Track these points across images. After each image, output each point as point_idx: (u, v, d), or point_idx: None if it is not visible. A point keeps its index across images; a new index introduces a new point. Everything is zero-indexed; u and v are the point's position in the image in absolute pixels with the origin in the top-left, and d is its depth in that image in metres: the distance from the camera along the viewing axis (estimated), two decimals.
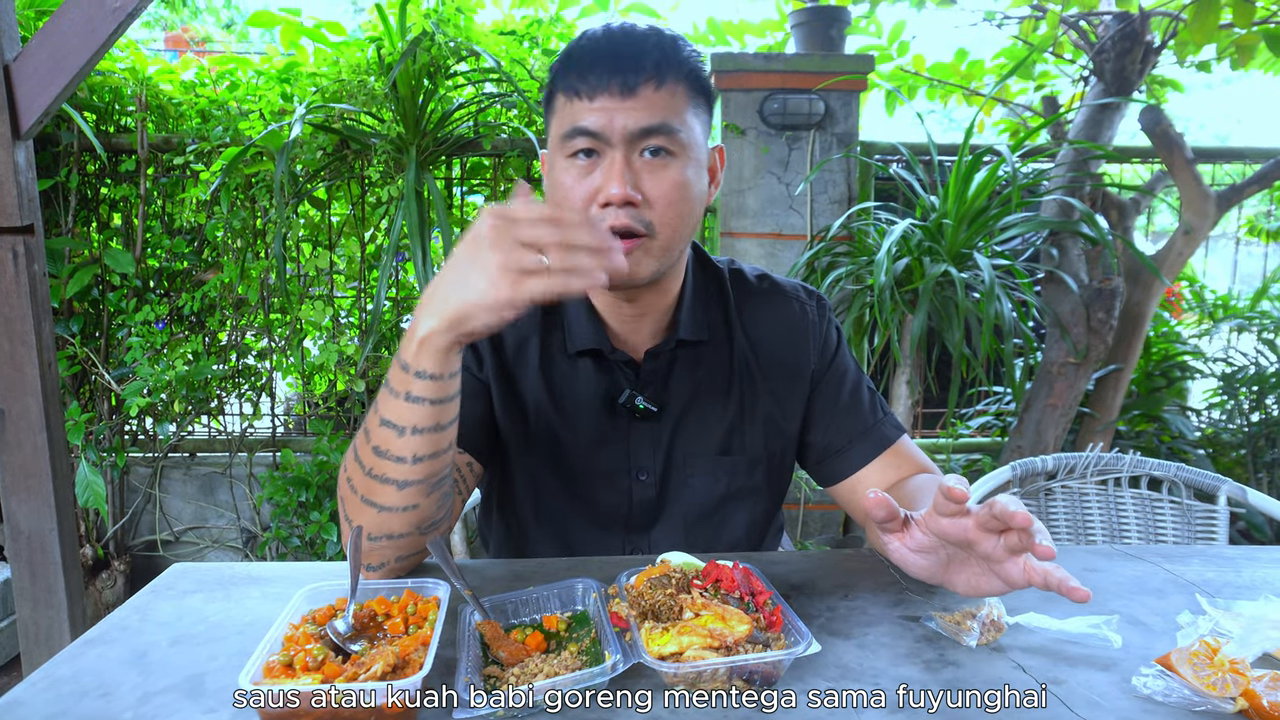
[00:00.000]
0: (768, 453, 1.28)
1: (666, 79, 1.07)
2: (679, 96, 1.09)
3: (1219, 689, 0.74)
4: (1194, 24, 2.97)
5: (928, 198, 3.03)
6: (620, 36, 1.09)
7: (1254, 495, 1.60)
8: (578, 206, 1.08)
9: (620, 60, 1.06)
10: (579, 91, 1.07)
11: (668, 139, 1.07)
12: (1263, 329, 3.77)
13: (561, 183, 1.10)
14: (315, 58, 3.20)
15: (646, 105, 1.06)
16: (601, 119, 1.06)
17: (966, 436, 3.79)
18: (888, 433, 1.28)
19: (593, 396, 1.23)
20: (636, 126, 1.06)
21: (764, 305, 1.30)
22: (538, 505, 1.28)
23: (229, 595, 1.01)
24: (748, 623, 0.80)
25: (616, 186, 1.05)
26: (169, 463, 3.38)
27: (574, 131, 1.07)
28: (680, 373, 1.24)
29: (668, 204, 1.08)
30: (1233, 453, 3.72)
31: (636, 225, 1.07)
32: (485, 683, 0.78)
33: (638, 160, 1.08)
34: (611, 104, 1.06)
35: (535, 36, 3.29)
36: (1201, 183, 3.14)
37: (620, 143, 1.06)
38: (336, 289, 3.40)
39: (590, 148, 1.08)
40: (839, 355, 1.32)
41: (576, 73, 1.07)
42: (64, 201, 3.17)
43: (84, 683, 0.80)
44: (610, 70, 1.05)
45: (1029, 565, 0.85)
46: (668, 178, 1.08)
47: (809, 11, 3.45)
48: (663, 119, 1.07)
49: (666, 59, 1.07)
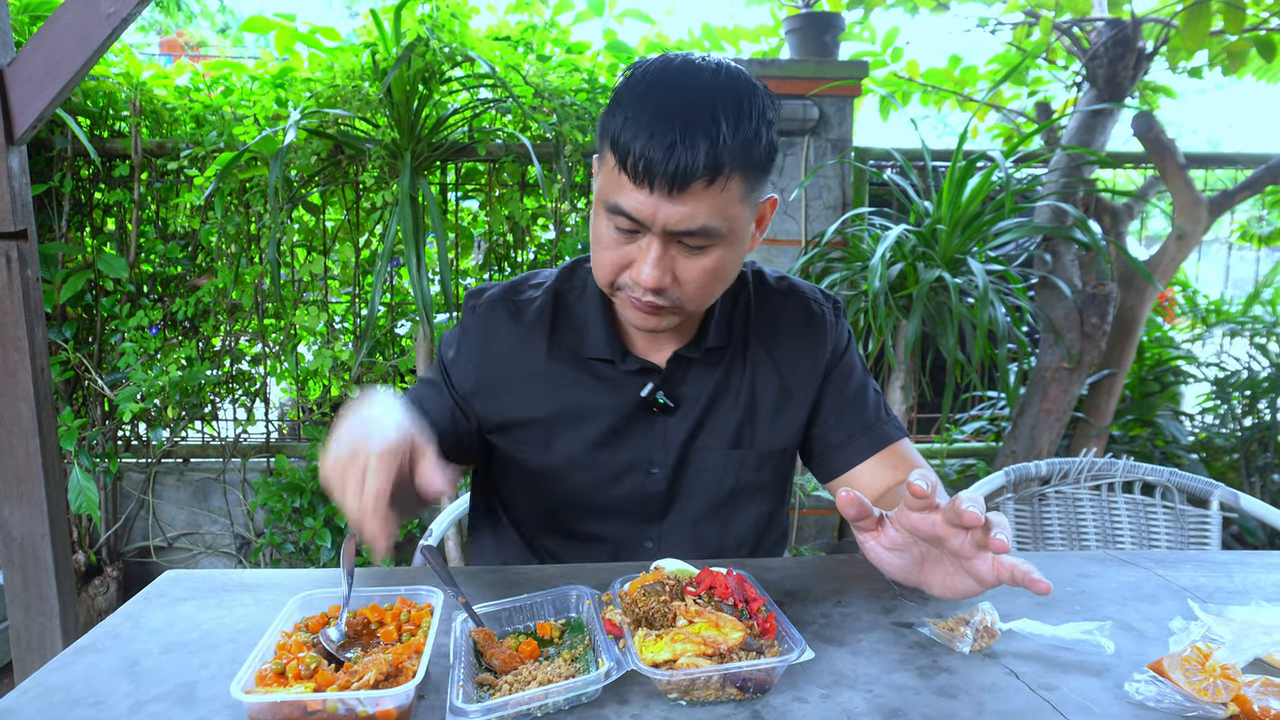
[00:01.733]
0: (778, 448, 1.30)
1: (720, 174, 1.00)
2: (731, 189, 1.02)
3: (1210, 694, 0.75)
4: (1185, 30, 2.99)
5: (922, 203, 3.04)
6: (681, 102, 0.99)
7: (1246, 500, 1.61)
8: (607, 266, 1.09)
9: (674, 147, 0.97)
10: (629, 170, 1.01)
11: (707, 239, 1.05)
12: (1255, 334, 3.79)
13: (600, 237, 1.10)
14: (310, 63, 3.20)
15: (693, 204, 1.01)
16: (645, 210, 1.01)
17: (961, 441, 3.79)
18: (889, 432, 1.30)
19: (607, 395, 1.24)
20: (677, 227, 1.02)
21: (782, 305, 1.33)
22: (544, 501, 1.28)
23: (221, 602, 1.01)
24: (741, 630, 0.80)
25: (649, 273, 1.04)
26: (162, 468, 3.37)
27: (616, 209, 1.04)
28: (699, 372, 1.27)
29: (697, 287, 1.09)
30: (1225, 457, 3.74)
31: (663, 301, 1.09)
32: (478, 690, 0.78)
33: (675, 247, 1.06)
34: (658, 199, 1.00)
35: (530, 42, 3.30)
36: (1194, 188, 3.16)
37: (659, 234, 1.03)
38: (331, 294, 3.39)
39: (631, 229, 1.05)
40: (848, 354, 1.35)
41: (628, 138, 1.00)
42: (58, 206, 3.16)
43: (75, 691, 0.80)
44: (663, 159, 0.98)
45: (997, 561, 0.85)
46: (702, 265, 1.07)
47: (803, 17, 3.46)
48: (705, 221, 1.02)
49: (726, 148, 0.99)
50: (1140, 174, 3.95)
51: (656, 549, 1.28)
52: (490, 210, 3.28)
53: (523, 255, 3.38)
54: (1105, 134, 3.28)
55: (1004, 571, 0.85)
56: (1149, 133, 3.12)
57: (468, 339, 1.28)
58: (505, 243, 3.36)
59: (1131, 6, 3.19)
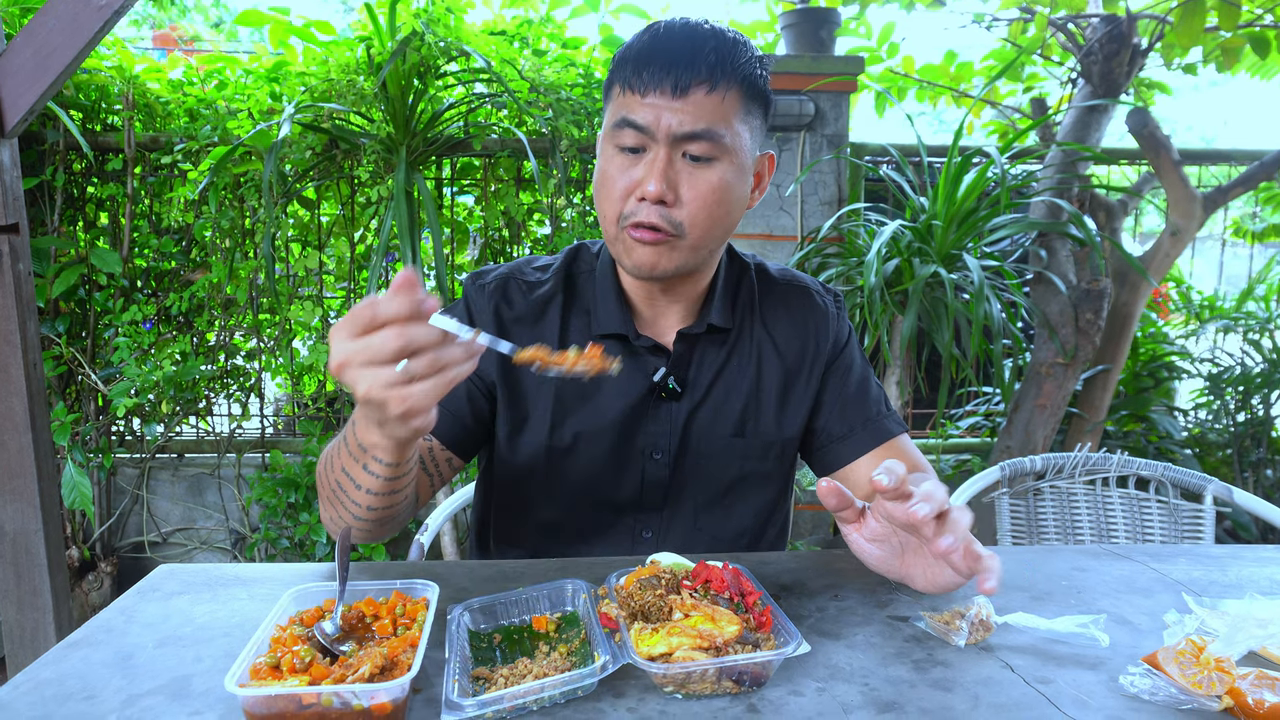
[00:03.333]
0: (781, 438, 1.30)
1: (719, 83, 1.08)
2: (730, 102, 1.10)
3: (1205, 687, 0.75)
4: (1180, 27, 2.99)
5: (917, 199, 3.04)
6: (681, 35, 1.10)
7: (1240, 495, 1.62)
8: (616, 198, 1.12)
9: (676, 59, 1.07)
10: (633, 85, 1.09)
11: (712, 145, 1.09)
12: (1248, 329, 3.80)
13: (605, 170, 1.14)
14: (304, 57, 3.19)
15: (695, 108, 1.08)
16: (649, 115, 1.08)
17: (956, 437, 3.80)
18: (889, 427, 1.31)
19: (617, 379, 1.24)
20: (681, 129, 1.08)
21: (785, 297, 1.35)
22: (546, 487, 1.28)
23: (216, 596, 1.00)
24: (737, 623, 0.80)
25: (654, 184, 1.08)
26: (156, 463, 3.36)
27: (623, 122, 1.10)
28: (704, 356, 1.27)
29: (700, 206, 1.11)
30: (1219, 452, 3.75)
31: (665, 224, 1.10)
32: (474, 684, 0.78)
33: (679, 161, 1.10)
34: (661, 102, 1.08)
35: (525, 37, 3.29)
36: (1188, 184, 3.16)
37: (664, 141, 1.08)
38: (326, 289, 3.38)
39: (636, 145, 1.10)
40: (849, 347, 1.36)
41: (633, 66, 1.10)
42: (50, 200, 3.15)
43: (68, 685, 0.80)
44: (665, 68, 1.07)
45: (966, 549, 0.87)
46: (705, 181, 1.10)
47: (799, 13, 3.46)
48: (709, 124, 1.08)
49: (722, 62, 1.08)
50: (1135, 170, 3.96)
51: (655, 540, 1.28)
52: (486, 205, 3.27)
53: (518, 250, 3.38)
54: (1100, 130, 3.28)
55: (974, 562, 0.87)
56: (1143, 129, 3.12)
57: (480, 317, 1.26)
58: (501, 238, 3.35)
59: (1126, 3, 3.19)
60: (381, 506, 1.01)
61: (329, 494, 1.04)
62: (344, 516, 1.04)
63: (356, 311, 0.80)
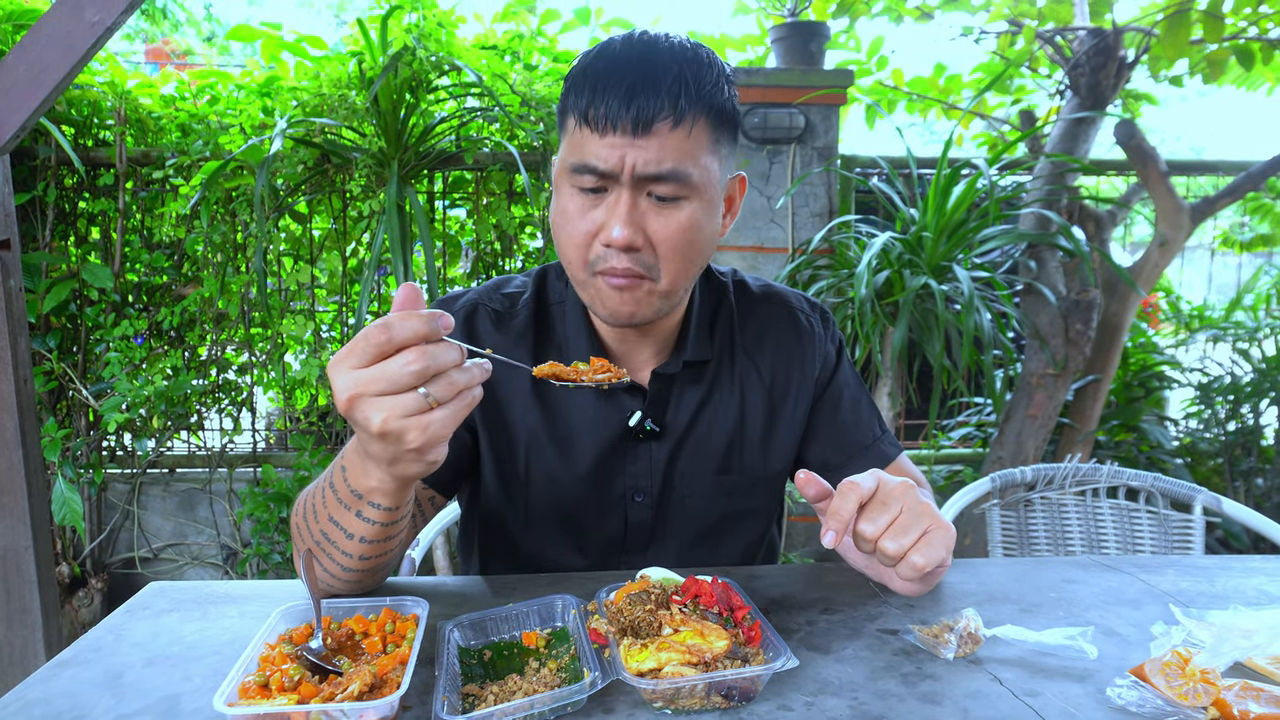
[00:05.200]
0: (768, 472, 1.26)
1: (685, 115, 0.98)
2: (698, 135, 1.00)
3: (1190, 699, 0.75)
4: (1166, 39, 3.02)
5: (908, 210, 3.06)
6: (639, 59, 0.99)
7: (1229, 505, 1.62)
8: (578, 242, 1.04)
9: (635, 91, 0.96)
10: (589, 120, 0.99)
11: (679, 185, 1.00)
12: (1237, 339, 3.83)
13: (565, 210, 1.05)
14: (296, 72, 3.20)
15: (660, 147, 0.98)
16: (611, 156, 0.98)
17: (948, 448, 3.81)
18: (887, 450, 1.28)
19: (593, 418, 1.19)
20: (646, 170, 0.99)
21: (767, 319, 1.28)
22: (526, 531, 1.24)
23: (206, 614, 1.00)
24: (726, 638, 0.81)
25: (620, 230, 0.99)
26: (148, 479, 3.35)
27: (581, 167, 1.01)
28: (682, 392, 1.21)
29: (672, 248, 1.03)
30: (1210, 461, 3.77)
31: (638, 269, 1.03)
32: (463, 701, 0.78)
33: (645, 201, 1.02)
34: (622, 141, 0.98)
35: (517, 51, 3.30)
36: (1175, 195, 3.19)
37: (628, 183, 0.99)
38: (318, 303, 3.38)
39: (597, 186, 1.01)
40: (840, 369, 1.31)
41: (589, 99, 0.98)
42: (41, 216, 3.15)
43: (56, 705, 0.79)
44: (624, 102, 0.96)
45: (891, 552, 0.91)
46: (675, 221, 1.02)
47: (789, 27, 3.49)
48: (675, 164, 0.99)
49: (688, 91, 0.98)
50: (1124, 181, 3.99)
51: None
52: (478, 219, 3.28)
53: (510, 264, 3.38)
54: (1088, 141, 3.31)
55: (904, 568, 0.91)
56: (1131, 140, 3.15)
57: None
58: (493, 251, 3.36)
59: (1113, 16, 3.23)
60: (375, 555, 0.96)
61: (313, 545, 0.97)
62: (330, 569, 0.97)
63: (367, 336, 0.74)
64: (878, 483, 0.93)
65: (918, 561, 0.89)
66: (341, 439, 3.44)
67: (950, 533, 0.92)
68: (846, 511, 0.90)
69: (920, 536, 0.90)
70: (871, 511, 0.91)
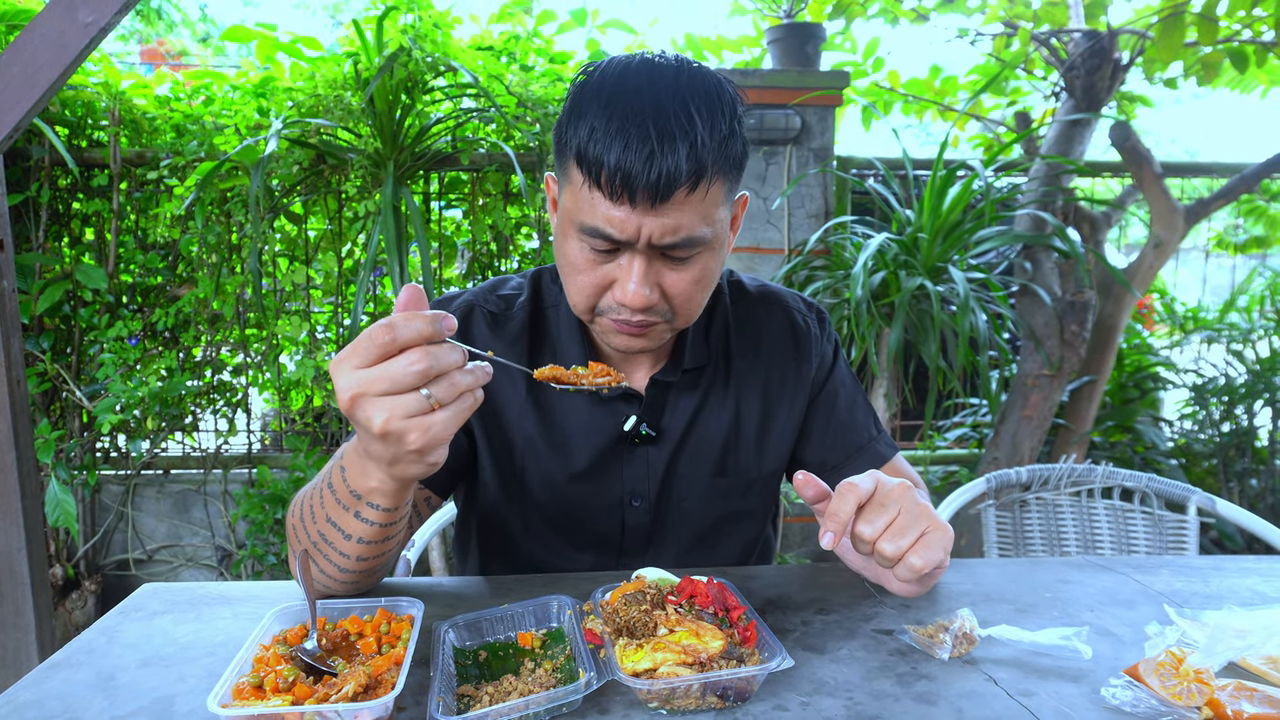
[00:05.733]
0: (764, 473, 1.26)
1: (702, 179, 0.94)
2: (714, 194, 0.97)
3: (1184, 699, 0.75)
4: (1160, 42, 3.03)
5: (903, 212, 3.06)
6: (651, 109, 0.91)
7: (1223, 505, 1.63)
8: (587, 292, 1.02)
9: (652, 156, 0.90)
10: (599, 183, 0.93)
11: (691, 249, 0.99)
12: (1231, 340, 3.84)
13: (573, 261, 1.02)
14: (291, 72, 3.19)
15: (677, 213, 0.94)
16: (628, 227, 0.94)
17: (944, 448, 3.81)
18: (883, 450, 1.28)
19: (588, 423, 1.19)
20: (663, 240, 0.96)
21: (764, 319, 1.27)
22: (523, 533, 1.24)
23: (200, 616, 1.00)
24: (722, 638, 0.81)
25: (635, 294, 0.98)
26: (142, 480, 3.34)
27: (595, 233, 0.96)
28: (678, 396, 1.21)
29: (687, 298, 1.03)
30: (1204, 462, 3.78)
31: (653, 318, 1.03)
32: (458, 702, 0.78)
33: (659, 260, 1.00)
34: (639, 212, 0.94)
35: (513, 52, 3.30)
36: (1170, 197, 3.20)
37: (643, 249, 0.97)
38: (313, 304, 3.37)
39: (610, 249, 0.99)
40: (836, 369, 1.30)
41: (598, 155, 0.92)
42: (35, 216, 3.14)
43: (49, 708, 0.79)
44: (641, 169, 0.90)
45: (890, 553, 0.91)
46: (689, 275, 1.02)
47: (785, 28, 3.49)
48: (691, 232, 0.96)
49: (707, 150, 0.93)
50: (1119, 183, 4.00)
51: None
52: (474, 219, 3.28)
53: (506, 264, 3.38)
54: (1083, 143, 3.32)
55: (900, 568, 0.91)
56: (1126, 142, 3.16)
57: None
58: (489, 252, 3.35)
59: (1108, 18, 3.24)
60: (372, 556, 0.96)
61: (310, 546, 0.97)
62: (327, 570, 0.97)
63: (371, 336, 0.73)
64: (876, 484, 0.93)
65: (915, 563, 0.90)
66: (337, 440, 3.43)
67: (948, 534, 0.92)
68: (845, 513, 0.90)
69: (918, 538, 0.90)
70: (869, 513, 0.91)
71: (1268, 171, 3.19)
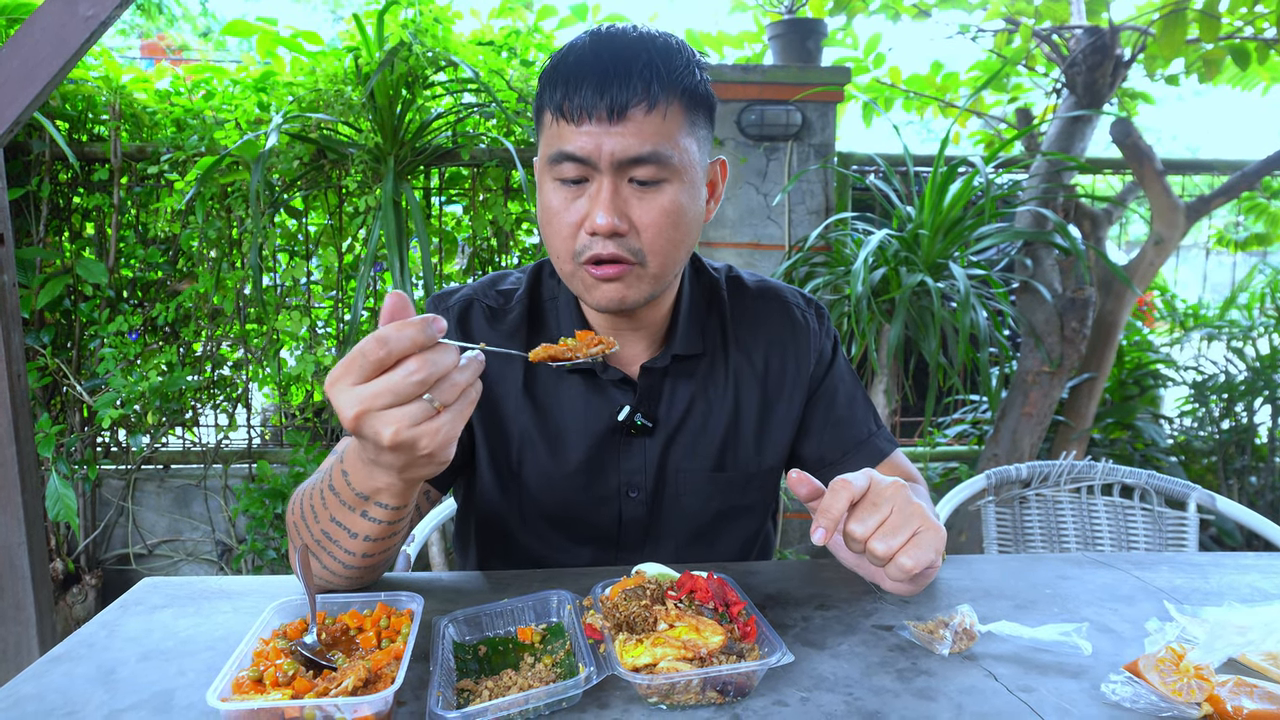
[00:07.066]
0: (762, 469, 1.25)
1: (659, 99, 1.00)
2: (673, 117, 1.02)
3: (1185, 694, 0.75)
4: (1162, 38, 3.02)
5: (904, 208, 3.06)
6: (608, 51, 1.01)
7: (1222, 502, 1.63)
8: (564, 233, 1.05)
9: (608, 80, 0.98)
10: (564, 112, 1.01)
11: (659, 167, 1.02)
12: (1232, 337, 3.84)
13: (549, 205, 1.06)
14: (292, 67, 3.19)
15: (636, 131, 1.00)
16: (588, 144, 1.00)
17: (944, 445, 3.81)
18: (882, 446, 1.27)
19: (583, 414, 1.19)
20: (625, 155, 1.00)
21: (761, 314, 1.27)
22: (522, 527, 1.24)
23: (199, 610, 1.00)
24: (722, 634, 0.81)
25: (603, 216, 1.01)
26: (142, 475, 3.34)
27: (560, 156, 1.02)
28: (674, 387, 1.21)
29: (657, 231, 1.04)
30: (1204, 459, 3.78)
31: (625, 254, 1.03)
32: (458, 696, 0.78)
33: (627, 187, 1.03)
34: (599, 129, 0.99)
35: (514, 47, 3.30)
36: (1171, 194, 3.19)
37: (608, 169, 1.01)
38: (313, 299, 3.37)
39: (578, 176, 1.03)
40: (835, 365, 1.30)
41: (563, 91, 1.01)
42: (35, 211, 3.14)
43: (49, 701, 0.79)
44: (597, 92, 0.98)
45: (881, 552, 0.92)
46: (658, 205, 1.03)
47: (786, 24, 3.48)
48: (654, 146, 1.00)
49: (659, 77, 1.00)
50: (1120, 179, 3.99)
51: None
52: (474, 215, 3.27)
53: (506, 260, 3.38)
54: (1084, 140, 3.31)
55: None
56: (1127, 139, 3.15)
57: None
58: (489, 247, 3.35)
59: (1109, 14, 3.23)
60: (377, 552, 0.97)
61: (312, 543, 0.97)
62: (330, 565, 0.97)
63: (364, 352, 0.73)
64: (869, 482, 0.93)
65: (906, 563, 0.90)
66: (337, 435, 3.43)
67: (940, 534, 0.92)
68: (837, 510, 0.90)
69: (910, 538, 0.90)
70: (862, 511, 0.92)
71: (1269, 169, 3.18)
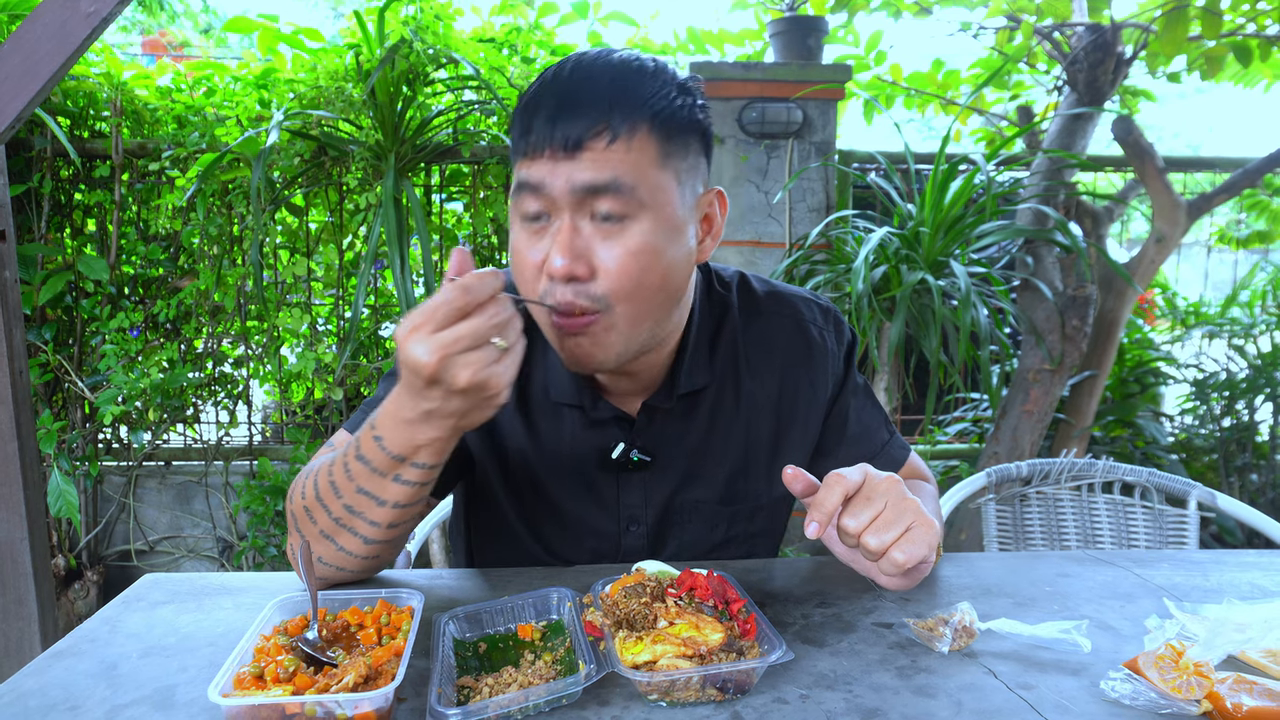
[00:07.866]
0: (772, 497, 1.20)
1: (622, 130, 0.92)
2: (641, 147, 0.93)
3: (1184, 692, 0.76)
4: (1163, 36, 3.02)
5: (905, 206, 3.06)
6: (572, 79, 0.94)
7: (1223, 500, 1.63)
8: (528, 277, 0.97)
9: (563, 109, 0.91)
10: (521, 146, 0.95)
11: (620, 200, 0.92)
12: (1233, 335, 3.84)
13: (515, 246, 0.99)
14: (293, 64, 3.19)
15: (593, 161, 0.91)
16: (545, 175, 0.92)
17: (944, 443, 3.82)
18: (895, 455, 1.25)
19: (578, 447, 1.14)
20: (581, 184, 0.91)
21: (776, 335, 1.19)
22: (516, 548, 1.21)
23: (201, 606, 1.00)
24: (722, 631, 0.81)
25: (559, 258, 0.92)
26: (144, 471, 3.34)
27: (519, 186, 0.96)
28: (678, 420, 1.14)
29: (621, 275, 0.94)
30: (1205, 457, 3.78)
31: (583, 301, 0.94)
32: (458, 693, 0.78)
33: (589, 225, 0.94)
34: (554, 161, 0.92)
35: (514, 44, 3.30)
36: (1172, 191, 3.19)
37: (567, 204, 0.93)
38: (314, 296, 3.38)
39: (538, 210, 0.95)
40: (850, 378, 1.24)
41: (522, 122, 0.95)
42: (37, 207, 3.14)
43: (51, 696, 0.79)
44: (550, 121, 0.91)
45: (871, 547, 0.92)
46: (623, 245, 0.93)
47: (787, 21, 3.48)
48: (613, 176, 0.91)
49: (621, 105, 0.92)
50: (1121, 177, 3.99)
51: None
52: (474, 212, 3.27)
53: (507, 257, 3.37)
54: (1086, 137, 3.31)
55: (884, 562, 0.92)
56: (1128, 136, 3.15)
57: None
58: (490, 245, 3.35)
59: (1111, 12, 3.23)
60: (401, 522, 0.95)
61: (330, 525, 0.95)
62: (349, 546, 0.96)
63: (448, 301, 0.79)
64: (864, 477, 0.93)
65: (898, 558, 0.90)
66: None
67: (934, 530, 0.92)
68: (831, 504, 0.90)
69: (903, 533, 0.90)
70: (855, 506, 0.92)
71: (1270, 166, 3.18)
